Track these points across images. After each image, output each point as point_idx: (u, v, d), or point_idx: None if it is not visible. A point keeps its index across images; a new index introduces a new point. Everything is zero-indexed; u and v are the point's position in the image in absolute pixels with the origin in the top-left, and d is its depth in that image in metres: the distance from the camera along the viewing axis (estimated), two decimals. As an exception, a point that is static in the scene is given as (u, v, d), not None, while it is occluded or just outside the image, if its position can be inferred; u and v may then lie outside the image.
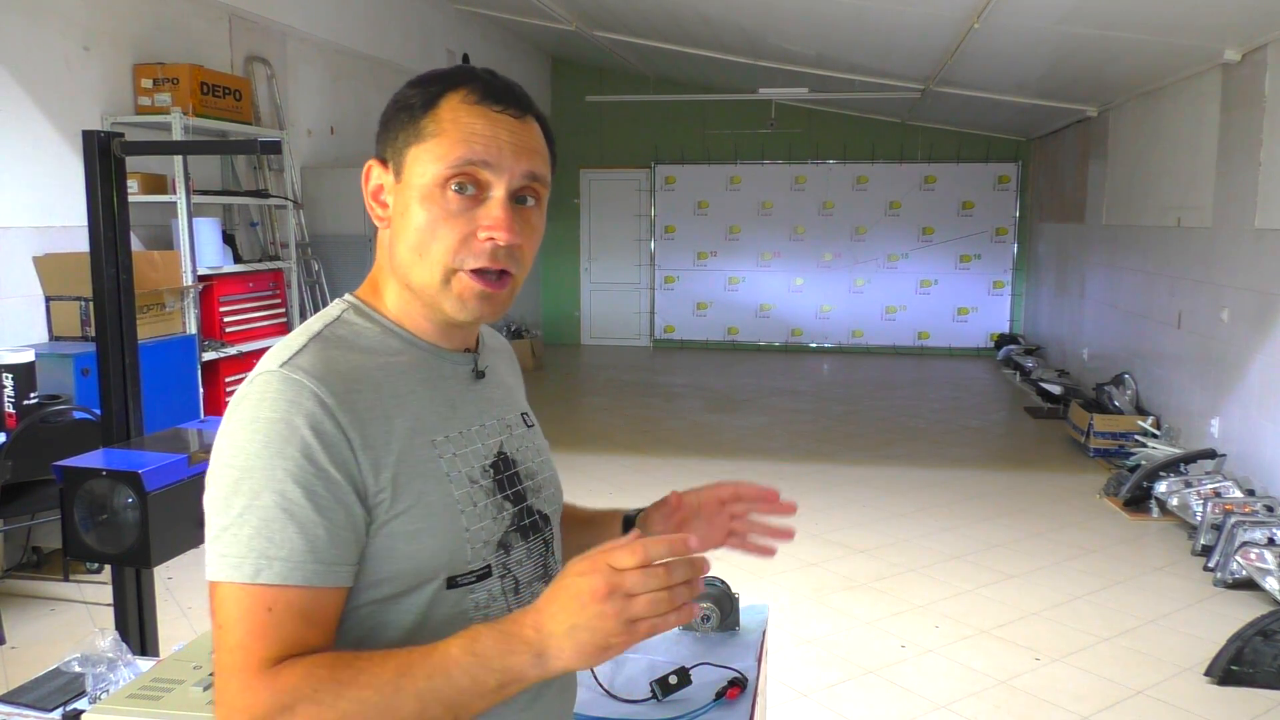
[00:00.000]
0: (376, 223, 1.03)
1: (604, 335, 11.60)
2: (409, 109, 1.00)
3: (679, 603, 0.84)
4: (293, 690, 0.85)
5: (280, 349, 0.97)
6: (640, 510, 1.29)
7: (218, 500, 0.89)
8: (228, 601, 0.88)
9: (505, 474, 1.06)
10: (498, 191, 0.98)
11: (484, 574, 1.00)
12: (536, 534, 1.09)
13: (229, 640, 0.87)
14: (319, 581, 0.88)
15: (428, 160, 0.97)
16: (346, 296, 1.07)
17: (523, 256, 1.01)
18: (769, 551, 1.23)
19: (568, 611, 0.85)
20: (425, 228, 0.97)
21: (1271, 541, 4.02)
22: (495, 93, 1.00)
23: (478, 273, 0.98)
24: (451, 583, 0.97)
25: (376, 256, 1.07)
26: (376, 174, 1.03)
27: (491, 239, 0.97)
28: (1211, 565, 4.17)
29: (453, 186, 0.97)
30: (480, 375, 1.09)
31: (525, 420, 1.16)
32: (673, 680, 1.53)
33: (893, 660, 3.40)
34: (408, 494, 0.94)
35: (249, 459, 0.88)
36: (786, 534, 1.23)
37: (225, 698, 0.87)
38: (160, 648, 2.41)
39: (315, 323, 1.02)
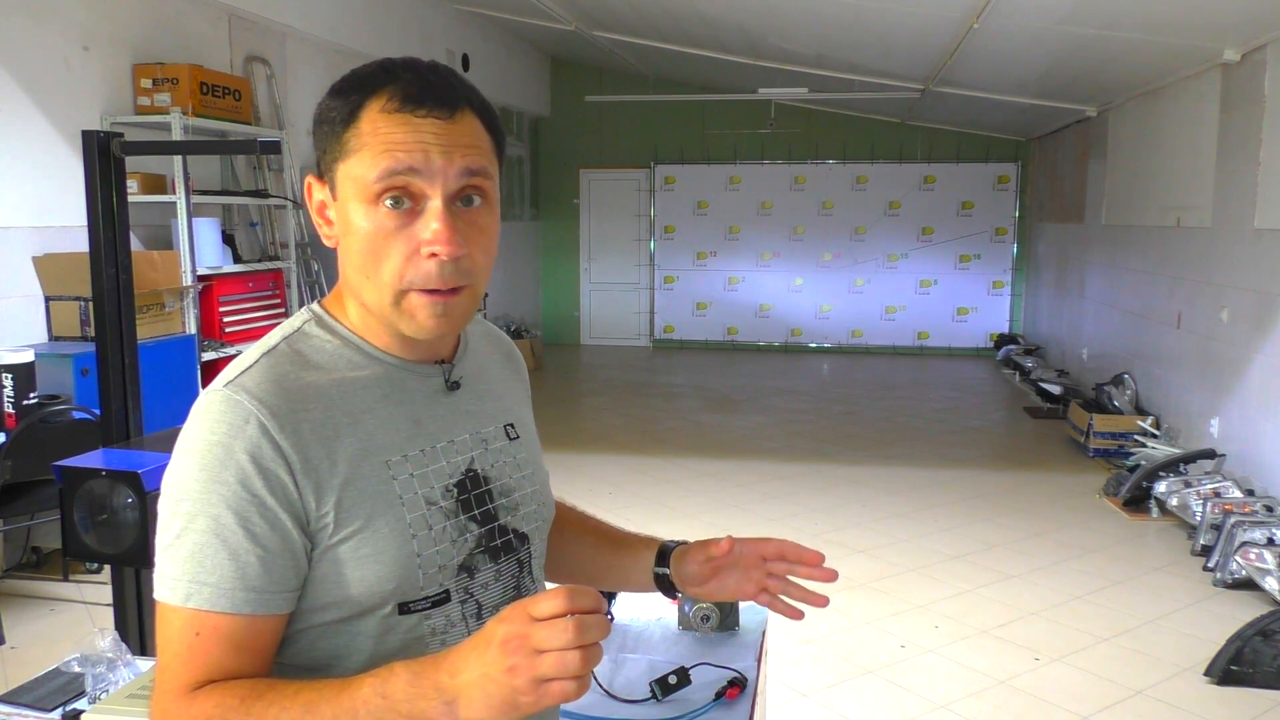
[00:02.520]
0: (325, 241, 0.98)
1: (604, 335, 11.60)
2: (331, 122, 0.94)
3: (588, 668, 0.78)
4: (205, 717, 0.85)
5: (234, 365, 0.94)
6: (679, 543, 1.23)
7: (162, 519, 0.89)
8: (163, 621, 0.88)
9: (473, 493, 1.01)
10: (434, 200, 0.91)
11: (440, 599, 0.96)
12: (509, 554, 1.04)
13: (161, 660, 0.89)
14: (248, 609, 0.87)
15: (355, 177, 0.92)
16: (311, 305, 1.02)
17: (474, 265, 0.95)
18: (798, 614, 1.18)
19: (481, 659, 0.79)
20: (367, 250, 0.92)
21: (1271, 541, 4.02)
22: (415, 95, 0.92)
23: (429, 291, 0.93)
24: (404, 608, 0.94)
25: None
26: (316, 191, 0.98)
27: (434, 254, 0.91)
28: (1211, 565, 4.17)
29: (386, 202, 0.91)
30: (454, 387, 1.04)
31: (509, 432, 1.10)
32: (672, 680, 1.53)
33: (892, 660, 3.40)
34: (354, 518, 0.91)
35: (187, 482, 0.88)
36: (820, 601, 1.16)
37: (152, 715, 0.89)
38: (160, 648, 2.41)
39: (275, 335, 0.98)
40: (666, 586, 1.24)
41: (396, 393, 0.99)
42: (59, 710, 1.46)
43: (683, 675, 1.54)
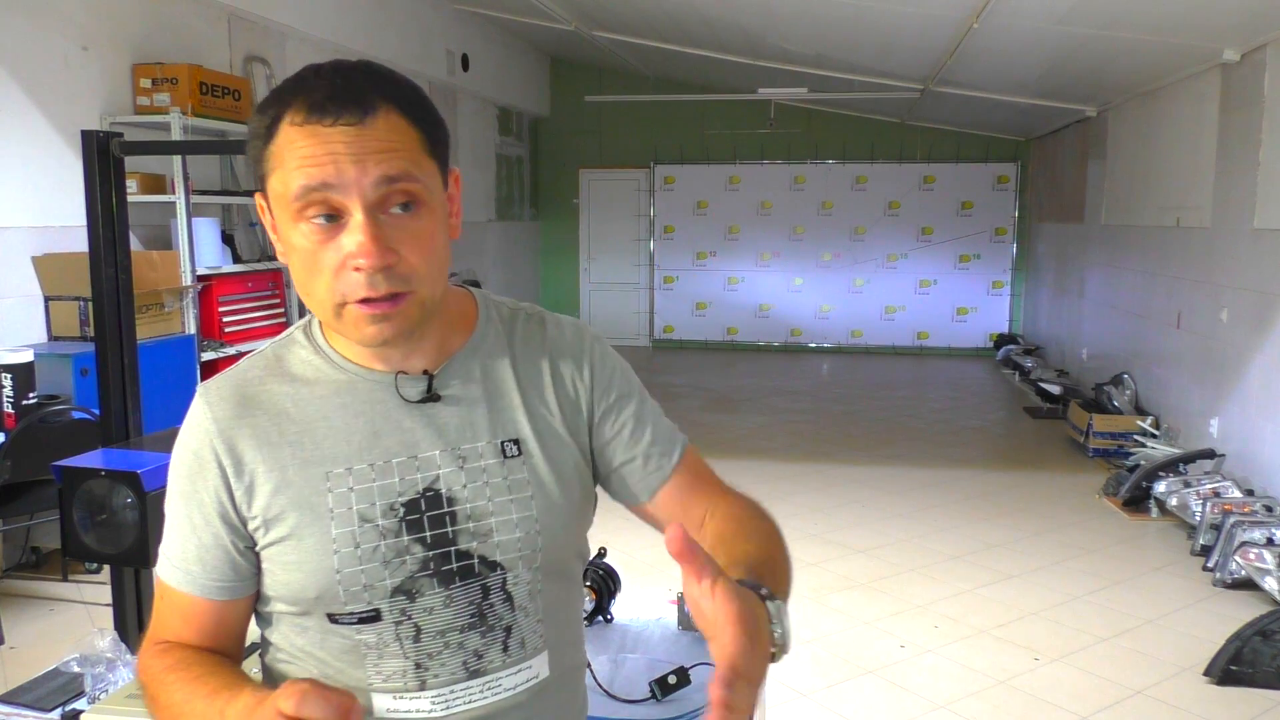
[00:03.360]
0: (280, 259, 0.97)
1: (603, 335, 11.56)
2: (256, 139, 0.92)
3: None
4: (146, 669, 0.97)
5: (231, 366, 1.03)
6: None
7: None
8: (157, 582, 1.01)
9: (427, 514, 0.96)
10: (354, 212, 0.88)
11: (369, 617, 0.95)
12: (468, 579, 0.98)
13: (152, 612, 1.02)
14: (188, 589, 0.98)
15: (277, 195, 0.91)
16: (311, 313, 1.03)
17: (412, 270, 0.90)
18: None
19: None
20: (303, 267, 0.91)
21: (1270, 541, 4.02)
22: (320, 104, 0.88)
23: (365, 301, 0.90)
24: (333, 619, 0.97)
25: None
26: (262, 208, 0.97)
27: (357, 267, 0.88)
28: (1210, 565, 4.17)
29: (314, 218, 0.89)
30: (432, 399, 0.99)
31: (505, 449, 1.00)
32: (672, 680, 1.53)
33: (892, 660, 3.40)
34: (282, 525, 0.95)
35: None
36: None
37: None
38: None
39: (274, 339, 1.05)
40: None
41: (358, 403, 0.98)
42: (58, 710, 1.46)
43: (682, 675, 1.54)
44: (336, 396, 0.98)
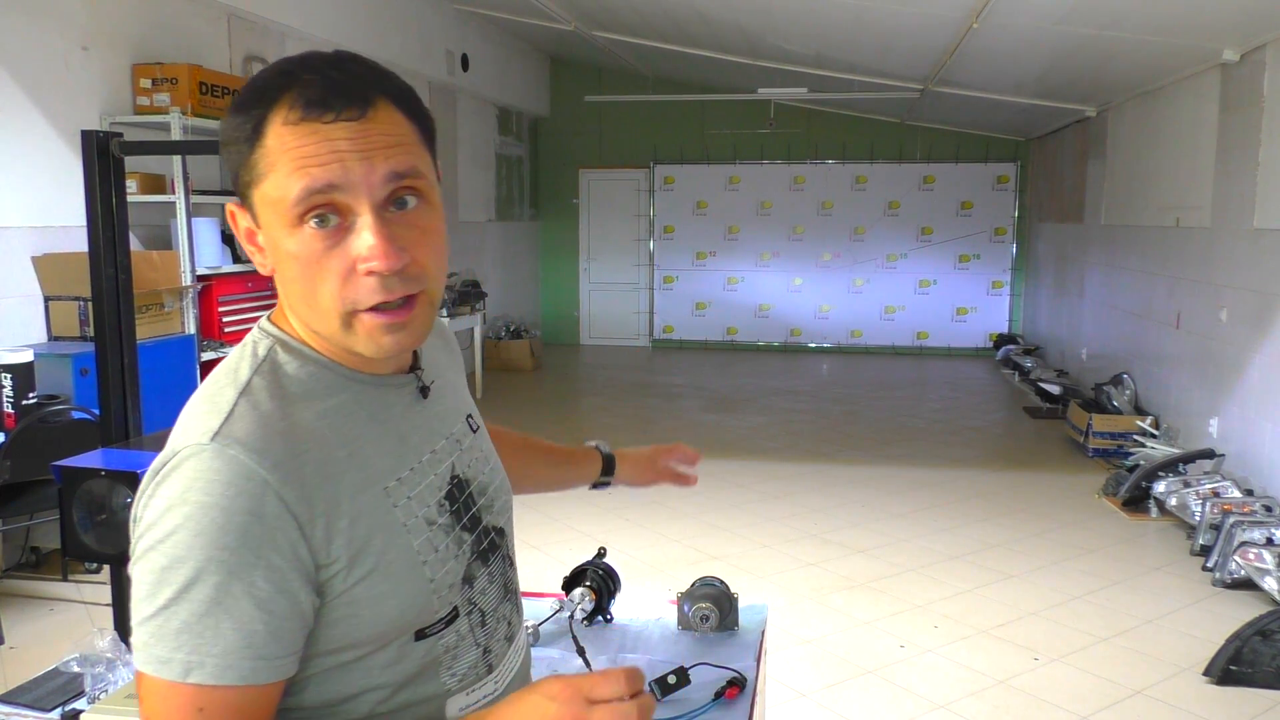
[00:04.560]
0: (260, 269, 0.90)
1: (603, 335, 11.60)
2: (236, 143, 0.85)
3: None
4: None
5: (208, 410, 0.84)
6: (611, 454, 1.59)
7: (142, 584, 0.79)
8: (154, 696, 0.79)
9: (461, 500, 0.98)
10: (362, 213, 0.83)
11: (452, 618, 0.95)
12: (495, 553, 1.03)
13: None
14: (255, 680, 0.80)
15: (272, 201, 0.83)
16: (266, 328, 0.93)
17: (423, 269, 0.87)
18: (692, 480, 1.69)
19: None
20: (303, 277, 0.84)
21: (1270, 541, 4.02)
22: (318, 98, 0.82)
23: (377, 308, 0.85)
24: (420, 635, 0.92)
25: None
26: (240, 218, 0.89)
27: (370, 270, 0.83)
28: (1210, 565, 4.17)
29: (311, 222, 0.82)
30: (426, 393, 0.99)
31: (470, 424, 1.06)
32: (671, 680, 1.53)
33: (892, 660, 3.40)
34: (366, 558, 0.86)
35: (177, 547, 0.78)
36: (693, 479, 1.70)
37: None
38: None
39: (242, 367, 0.89)
40: (597, 486, 1.62)
41: (378, 411, 0.93)
42: (58, 710, 1.46)
43: (682, 675, 1.54)
44: (361, 408, 0.91)
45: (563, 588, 1.79)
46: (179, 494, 0.79)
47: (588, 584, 1.76)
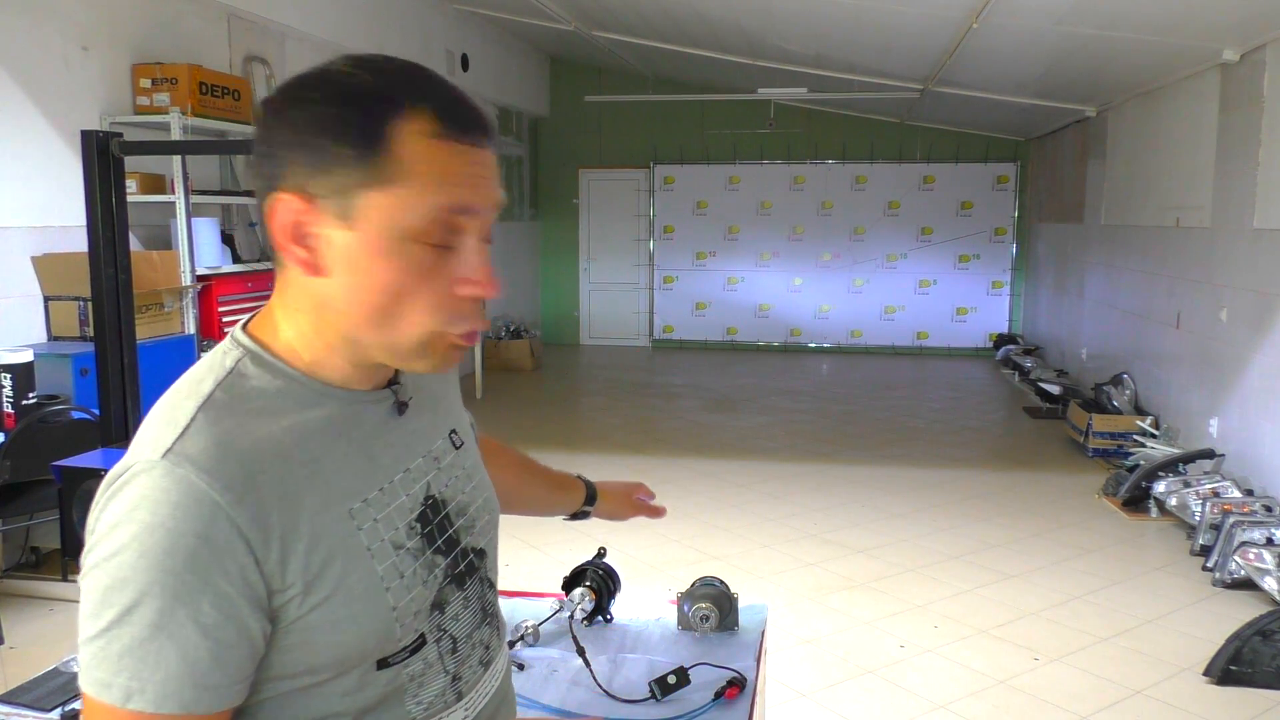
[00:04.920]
0: (299, 267, 0.84)
1: (603, 335, 11.60)
2: (345, 137, 0.80)
3: None
4: None
5: (165, 422, 0.81)
6: (594, 486, 1.63)
7: (88, 602, 0.77)
8: (96, 718, 0.77)
9: (435, 522, 0.95)
10: (472, 238, 0.83)
11: (418, 646, 0.91)
12: (473, 575, 0.99)
13: None
14: (197, 708, 0.76)
15: (395, 209, 0.80)
16: (239, 338, 0.89)
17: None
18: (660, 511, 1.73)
19: None
20: (392, 289, 0.82)
21: (1270, 541, 4.02)
22: (460, 120, 0.82)
23: (467, 334, 0.86)
24: (382, 664, 0.88)
25: (279, 292, 0.89)
26: (294, 210, 0.82)
27: (476, 296, 0.84)
28: (1210, 565, 4.17)
29: (428, 242, 0.82)
30: (403, 408, 0.95)
31: (454, 440, 1.02)
32: (671, 680, 1.53)
33: (892, 660, 3.40)
34: (324, 582, 0.82)
35: (121, 568, 0.75)
36: (662, 511, 1.74)
37: None
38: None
39: (205, 379, 0.85)
40: (576, 516, 1.64)
41: (348, 428, 0.89)
42: (58, 710, 1.46)
43: (682, 675, 1.54)
44: (330, 426, 0.87)
45: (563, 588, 1.79)
46: (126, 512, 0.76)
47: (588, 584, 1.76)
